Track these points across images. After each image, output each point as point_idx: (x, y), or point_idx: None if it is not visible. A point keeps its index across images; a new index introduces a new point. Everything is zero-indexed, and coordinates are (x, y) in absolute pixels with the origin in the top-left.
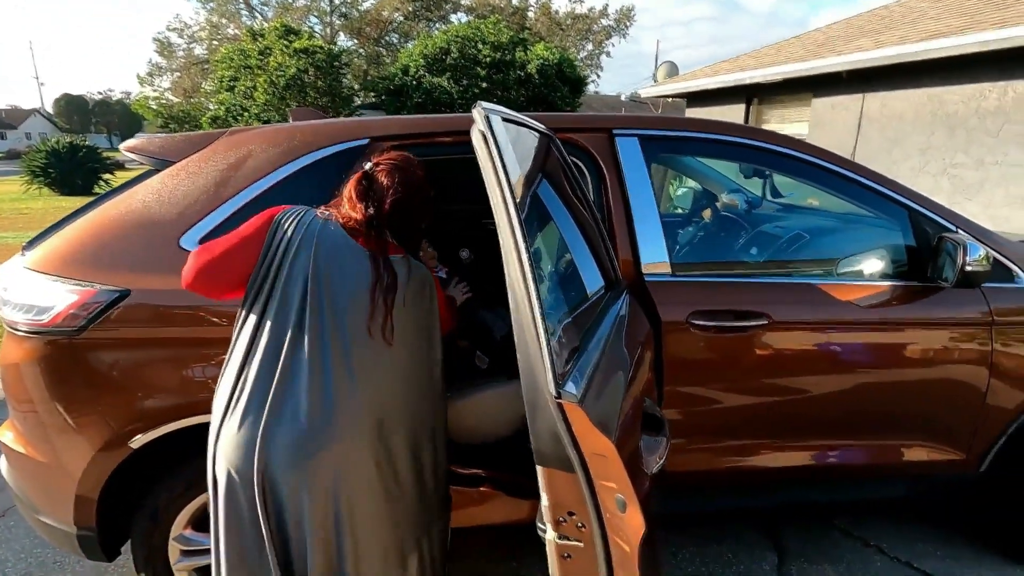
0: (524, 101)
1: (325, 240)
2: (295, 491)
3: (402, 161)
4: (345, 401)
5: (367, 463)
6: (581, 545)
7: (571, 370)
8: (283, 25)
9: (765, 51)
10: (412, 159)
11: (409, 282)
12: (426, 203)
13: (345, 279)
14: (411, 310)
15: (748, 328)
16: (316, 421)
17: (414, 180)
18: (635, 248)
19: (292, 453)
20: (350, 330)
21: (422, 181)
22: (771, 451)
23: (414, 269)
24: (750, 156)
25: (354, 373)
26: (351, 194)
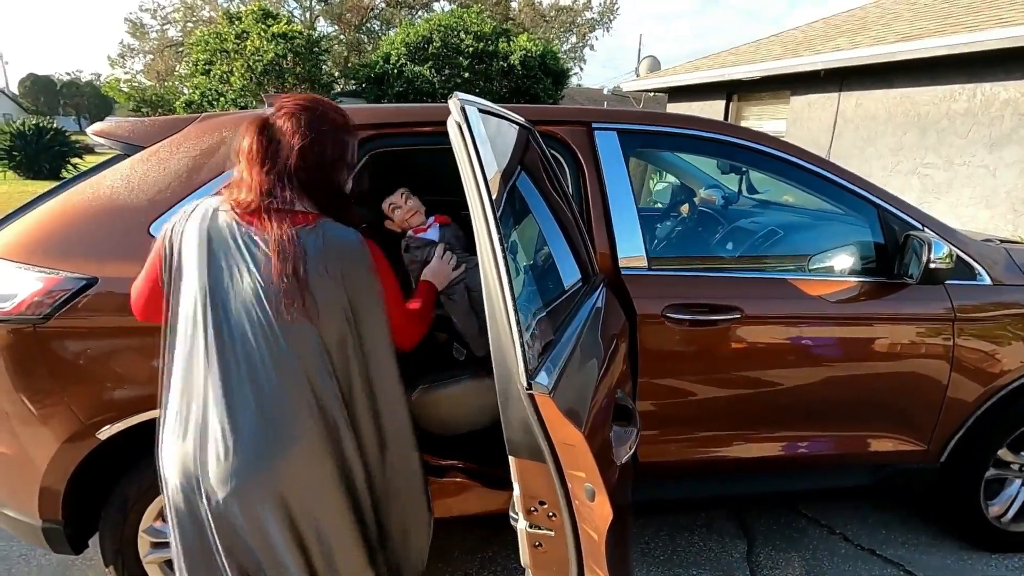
0: (506, 92)
1: (213, 240)
2: (246, 521)
3: (309, 100)
4: (270, 414)
5: (318, 470)
6: (552, 534)
7: (543, 362)
8: (261, 8)
9: (745, 48)
10: (324, 99)
11: (322, 254)
12: (344, 151)
13: (242, 283)
14: (330, 286)
15: (721, 322)
16: (243, 443)
17: (327, 122)
18: (612, 241)
19: (227, 482)
20: (259, 339)
21: (339, 124)
22: (743, 441)
23: (329, 237)
24: (727, 152)
25: (273, 385)
26: (251, 151)
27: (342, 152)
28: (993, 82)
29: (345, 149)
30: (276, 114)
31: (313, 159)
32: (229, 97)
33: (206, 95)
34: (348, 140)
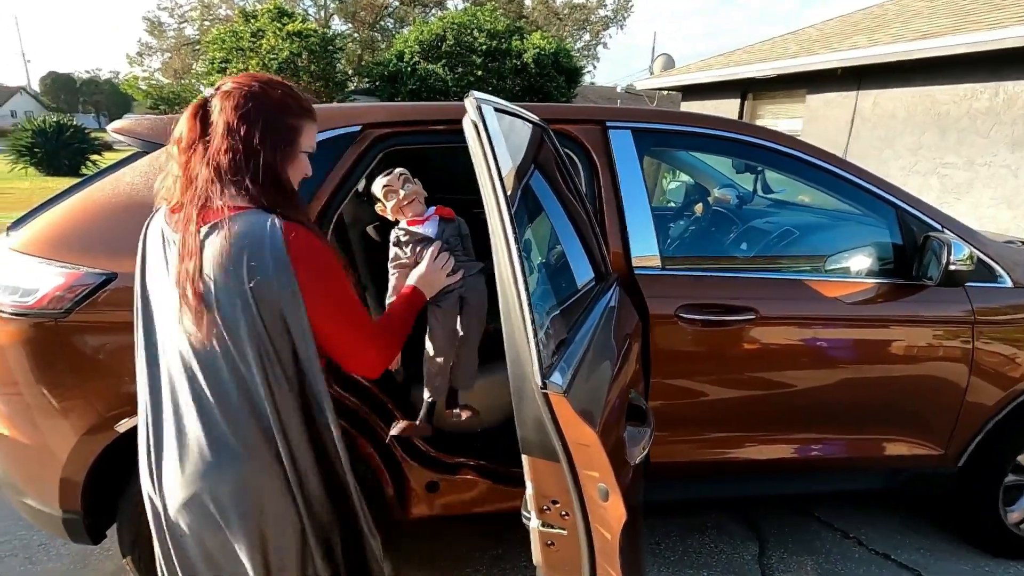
0: (519, 90)
1: (148, 242)
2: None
3: (250, 78)
4: (210, 430)
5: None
6: (564, 533)
7: (558, 361)
8: (276, 7)
9: (760, 46)
10: (273, 78)
11: (224, 253)
12: (283, 135)
13: (164, 290)
14: (234, 291)
15: (736, 322)
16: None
17: (261, 100)
18: (626, 241)
19: (174, 494)
20: (179, 353)
21: (278, 103)
22: (755, 443)
23: (233, 232)
24: (743, 151)
25: (202, 397)
26: (179, 138)
27: (279, 136)
28: (1016, 80)
29: (284, 133)
30: (212, 95)
31: (238, 143)
32: None
33: None
34: (290, 123)
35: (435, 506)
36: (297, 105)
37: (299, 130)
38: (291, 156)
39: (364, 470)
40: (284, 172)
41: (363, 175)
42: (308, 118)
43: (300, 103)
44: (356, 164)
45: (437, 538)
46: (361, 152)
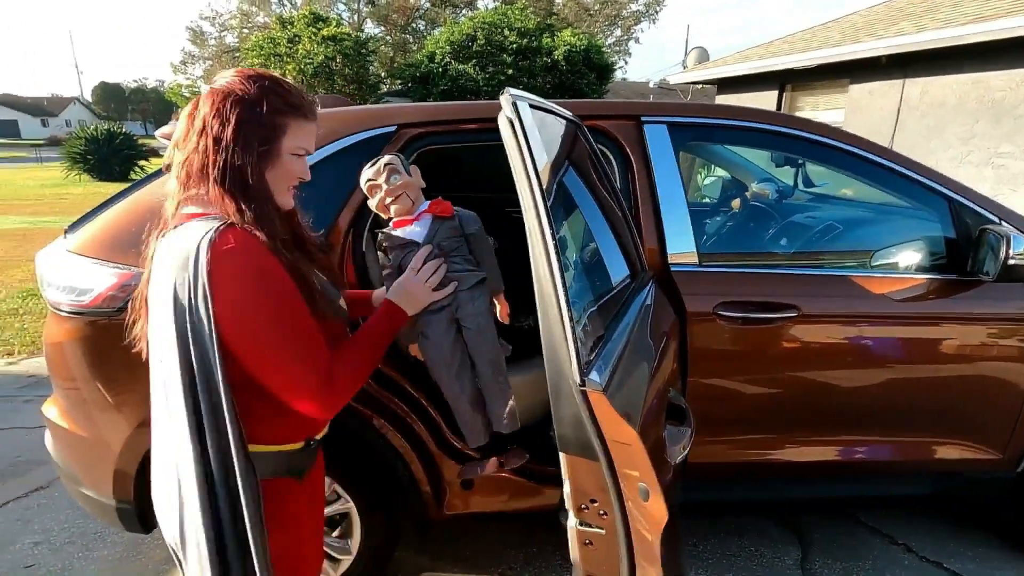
0: (550, 88)
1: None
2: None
3: (232, 74)
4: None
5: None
6: (603, 532)
7: (596, 359)
8: (312, 12)
9: (799, 36)
10: (263, 72)
11: (162, 266)
12: (254, 133)
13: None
14: (165, 308)
15: (776, 320)
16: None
17: (234, 95)
18: (661, 237)
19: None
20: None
21: (251, 99)
22: (798, 444)
23: (171, 243)
24: (782, 144)
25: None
26: (178, 136)
27: (252, 136)
28: None
29: (260, 132)
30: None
31: (208, 144)
32: None
33: None
34: (270, 121)
35: (470, 503)
36: (282, 102)
37: (281, 129)
38: (269, 158)
39: (401, 467)
40: (255, 176)
41: None
42: (296, 115)
43: (286, 99)
44: None
45: (471, 535)
46: (396, 152)
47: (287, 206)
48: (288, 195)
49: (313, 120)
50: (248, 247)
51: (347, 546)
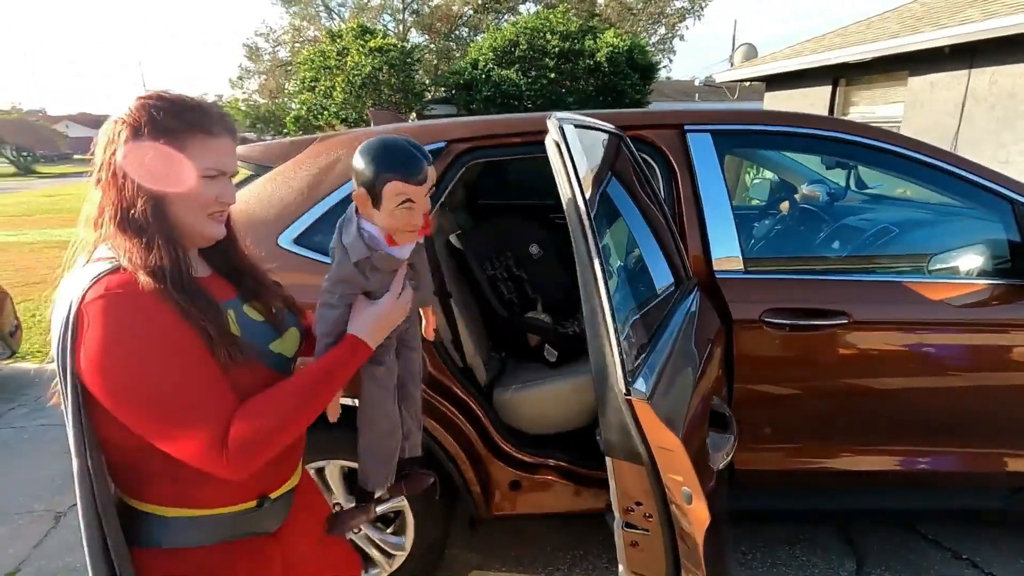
0: (592, 90)
1: None
2: None
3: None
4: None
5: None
6: (648, 534)
7: (640, 367)
8: (359, 25)
9: (854, 28)
10: (153, 92)
11: (56, 313)
12: (145, 160)
13: None
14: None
15: (826, 327)
16: None
17: (126, 123)
18: (706, 245)
19: None
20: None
21: (137, 123)
22: (851, 454)
23: (64, 295)
24: (830, 148)
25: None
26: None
27: (140, 165)
28: None
29: (149, 160)
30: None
31: (103, 175)
32: (332, 111)
33: (311, 109)
34: (162, 146)
35: (517, 504)
36: (175, 121)
37: (183, 151)
38: (168, 186)
39: (451, 467)
40: (148, 211)
41: (447, 188)
42: (195, 133)
43: (181, 117)
44: (441, 178)
45: (521, 536)
46: (446, 167)
47: (214, 236)
48: (211, 223)
49: (221, 135)
50: (120, 295)
51: (401, 543)
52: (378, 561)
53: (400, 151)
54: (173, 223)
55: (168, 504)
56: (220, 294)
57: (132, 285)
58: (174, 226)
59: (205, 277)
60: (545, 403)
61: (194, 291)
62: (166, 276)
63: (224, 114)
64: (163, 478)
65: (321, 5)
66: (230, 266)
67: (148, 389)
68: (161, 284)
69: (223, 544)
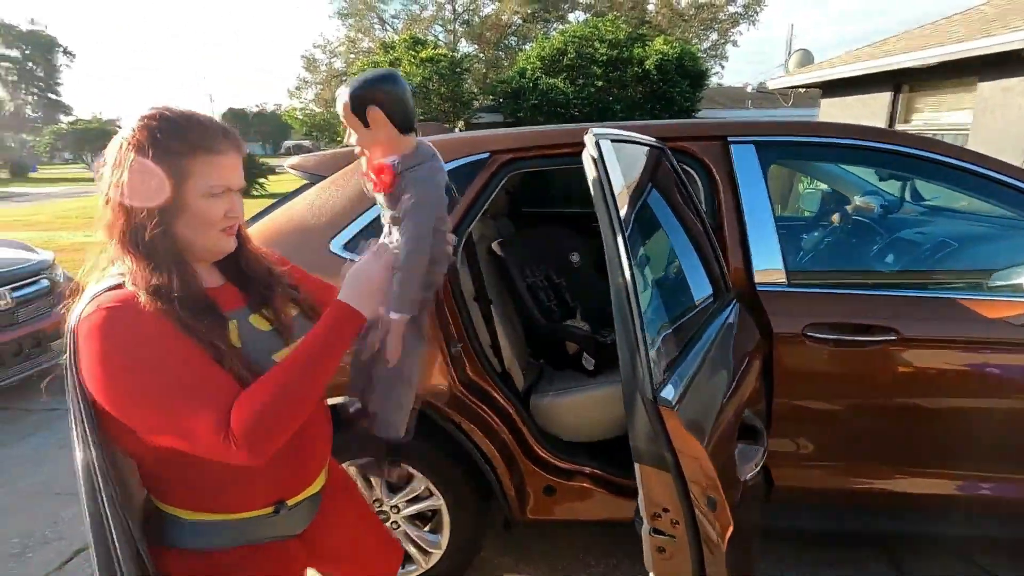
0: (641, 98)
1: None
2: None
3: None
4: None
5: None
6: (675, 540)
7: (669, 376)
8: (411, 36)
9: (918, 32)
10: (152, 110)
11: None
12: (149, 183)
13: None
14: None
15: (872, 343)
16: None
17: (129, 144)
18: (747, 257)
19: None
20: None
21: (140, 144)
22: (899, 475)
23: (76, 307)
24: (884, 161)
25: None
26: None
27: (145, 189)
28: None
29: (152, 184)
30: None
31: (111, 195)
32: None
33: None
34: (165, 167)
35: (551, 509)
36: (178, 143)
37: (181, 174)
38: (173, 207)
39: (488, 470)
40: (156, 232)
41: (490, 197)
42: (199, 154)
43: (184, 138)
44: (484, 187)
45: (553, 543)
46: (489, 176)
47: (225, 250)
48: (222, 238)
49: (226, 152)
50: (115, 308)
51: (437, 541)
52: (415, 558)
53: None
54: (183, 243)
55: (187, 508)
56: (228, 304)
57: (130, 300)
58: (184, 246)
59: (216, 287)
60: (582, 411)
61: (198, 309)
62: (169, 296)
63: (227, 130)
64: (180, 485)
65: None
66: (242, 274)
67: (148, 391)
68: (163, 304)
69: (243, 547)
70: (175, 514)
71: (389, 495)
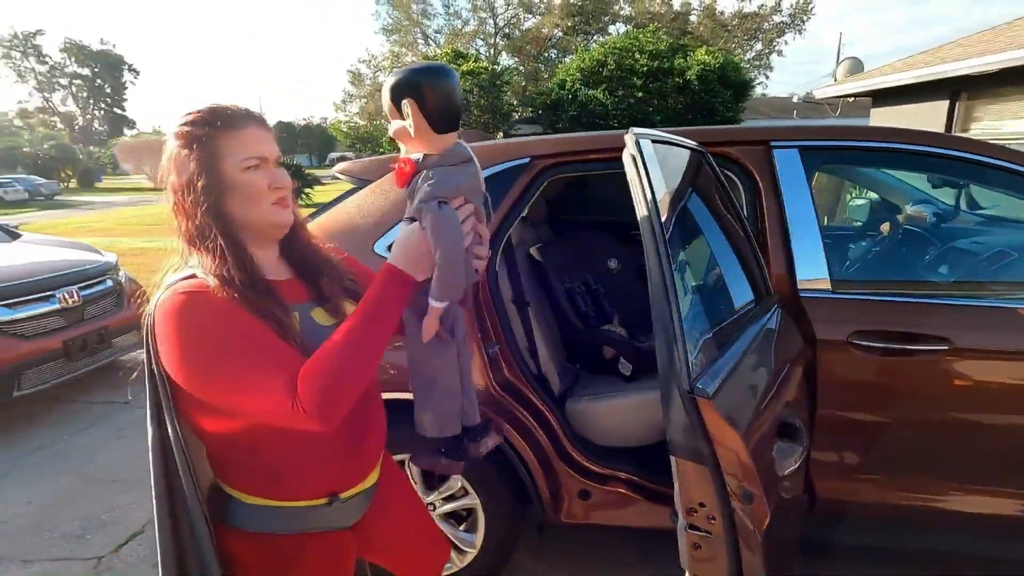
0: (682, 108)
1: None
2: None
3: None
4: None
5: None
6: (711, 536)
7: (707, 369)
8: (453, 50)
9: (977, 38)
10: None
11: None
12: (194, 168)
13: None
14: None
15: (922, 352)
16: None
17: (175, 139)
18: (790, 263)
19: None
20: None
21: (181, 136)
22: (952, 492)
23: (154, 299)
24: (935, 166)
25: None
26: None
27: (188, 173)
28: None
29: (198, 166)
30: None
31: (170, 195)
32: None
33: None
34: (197, 154)
35: (586, 514)
36: (202, 129)
37: (214, 153)
38: (219, 188)
39: (523, 471)
40: (207, 216)
41: (530, 201)
42: (222, 131)
43: (206, 121)
44: (524, 192)
45: (587, 549)
46: (529, 181)
47: (282, 223)
48: (274, 210)
49: (246, 126)
50: (189, 293)
51: (472, 539)
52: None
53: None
54: (238, 224)
55: (245, 491)
56: (292, 297)
57: (201, 286)
58: (240, 227)
59: (282, 281)
60: (617, 416)
61: (261, 291)
62: (233, 281)
63: (248, 109)
64: (241, 469)
65: (419, 33)
66: (307, 267)
67: (219, 366)
68: (229, 288)
69: (296, 535)
70: (235, 495)
71: (426, 492)
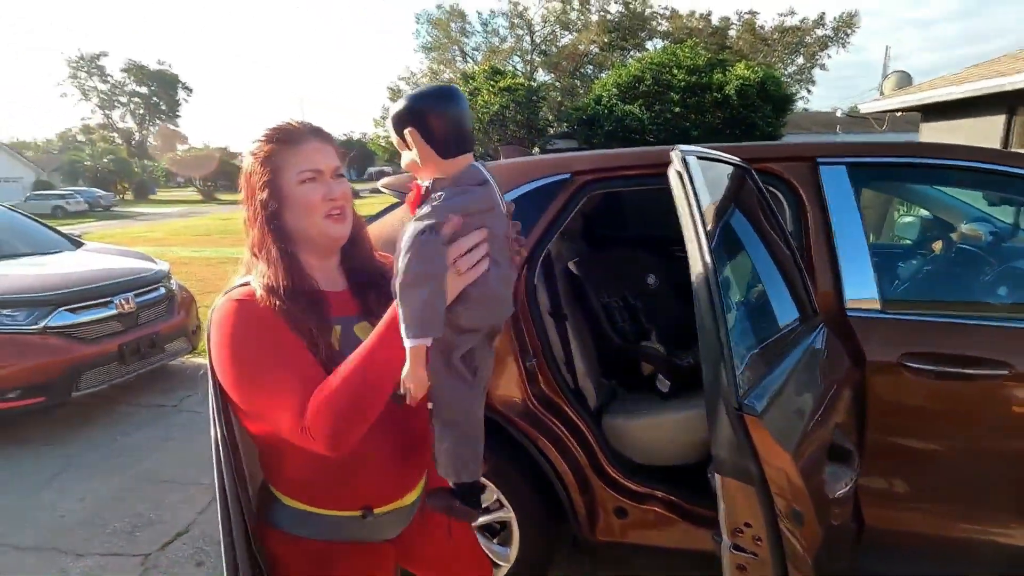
0: (720, 124)
1: None
2: None
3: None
4: None
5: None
6: (757, 559)
7: (755, 387)
8: (491, 67)
9: None
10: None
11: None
12: (259, 183)
13: None
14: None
15: (980, 377)
16: None
17: (248, 159)
18: (837, 281)
19: None
20: None
21: (253, 155)
22: (1011, 524)
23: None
24: (990, 182)
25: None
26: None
27: (253, 188)
28: None
29: (261, 181)
30: None
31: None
32: None
33: None
34: (258, 170)
35: (622, 532)
36: (263, 147)
37: (274, 169)
38: (279, 202)
39: (559, 486)
40: (268, 229)
41: (570, 216)
42: (280, 147)
43: (268, 139)
44: (565, 206)
45: (623, 570)
46: (570, 196)
47: (336, 235)
48: (329, 223)
49: (303, 142)
50: (240, 301)
51: (506, 553)
52: None
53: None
54: (293, 235)
55: (286, 494)
56: (342, 310)
57: (250, 294)
58: (295, 238)
59: (336, 292)
60: (656, 434)
61: (305, 304)
62: (279, 291)
63: (308, 124)
64: (280, 471)
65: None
66: (362, 280)
67: (248, 377)
68: (273, 298)
69: (332, 543)
70: (278, 496)
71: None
